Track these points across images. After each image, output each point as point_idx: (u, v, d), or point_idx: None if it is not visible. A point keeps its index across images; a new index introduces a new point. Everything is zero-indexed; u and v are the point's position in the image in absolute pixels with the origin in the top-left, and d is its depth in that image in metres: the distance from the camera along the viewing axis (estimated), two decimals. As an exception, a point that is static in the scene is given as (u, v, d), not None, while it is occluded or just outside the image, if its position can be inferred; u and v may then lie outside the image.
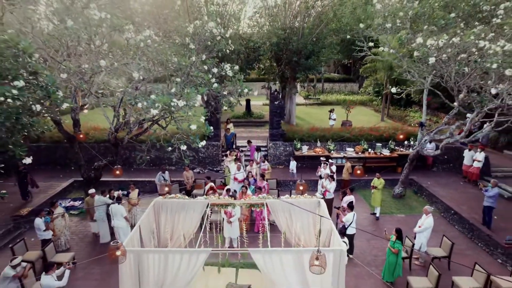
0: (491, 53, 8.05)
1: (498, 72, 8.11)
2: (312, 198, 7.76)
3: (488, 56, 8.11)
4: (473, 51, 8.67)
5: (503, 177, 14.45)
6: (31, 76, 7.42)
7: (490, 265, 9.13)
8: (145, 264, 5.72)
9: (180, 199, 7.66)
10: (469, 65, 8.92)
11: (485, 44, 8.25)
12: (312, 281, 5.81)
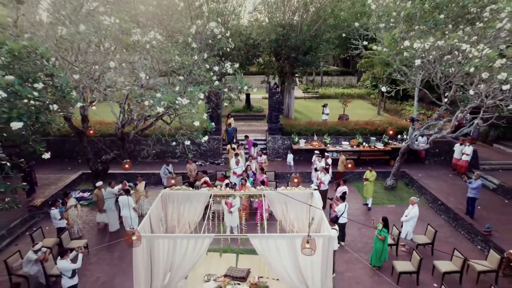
0: (471, 56, 8.69)
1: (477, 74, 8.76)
2: (306, 190, 8.47)
3: (469, 59, 8.76)
4: (455, 54, 9.31)
5: (490, 170, 15.19)
6: (47, 78, 8.09)
7: (470, 251, 9.93)
8: (156, 248, 6.46)
9: (185, 190, 8.40)
10: (452, 67, 9.56)
11: (466, 48, 8.88)
12: (304, 264, 6.55)
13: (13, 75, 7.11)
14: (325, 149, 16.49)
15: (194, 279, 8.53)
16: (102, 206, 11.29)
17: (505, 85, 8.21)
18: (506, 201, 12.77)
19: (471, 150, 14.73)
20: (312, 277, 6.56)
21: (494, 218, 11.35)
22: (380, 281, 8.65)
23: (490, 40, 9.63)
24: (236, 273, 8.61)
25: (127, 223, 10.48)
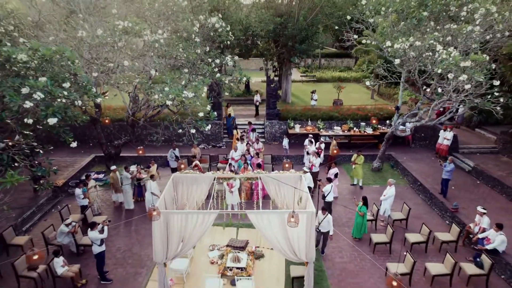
0: (440, 59, 9.87)
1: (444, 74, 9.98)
2: (296, 173, 9.86)
3: (439, 60, 9.94)
4: (429, 54, 10.47)
5: (469, 153, 16.57)
6: (72, 77, 9.33)
7: (439, 225, 11.45)
8: (171, 222, 7.89)
9: (193, 174, 9.79)
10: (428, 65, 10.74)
11: (440, 49, 10.04)
12: (291, 236, 7.99)
13: (45, 76, 8.34)
14: (319, 133, 17.83)
15: (201, 248, 10.10)
16: (117, 187, 12.75)
17: (466, 85, 9.46)
18: (478, 182, 14.23)
19: (451, 135, 16.06)
20: (298, 247, 8.03)
21: (465, 197, 12.84)
22: (359, 251, 10.19)
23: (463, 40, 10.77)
24: (236, 243, 10.16)
25: (148, 203, 11.86)
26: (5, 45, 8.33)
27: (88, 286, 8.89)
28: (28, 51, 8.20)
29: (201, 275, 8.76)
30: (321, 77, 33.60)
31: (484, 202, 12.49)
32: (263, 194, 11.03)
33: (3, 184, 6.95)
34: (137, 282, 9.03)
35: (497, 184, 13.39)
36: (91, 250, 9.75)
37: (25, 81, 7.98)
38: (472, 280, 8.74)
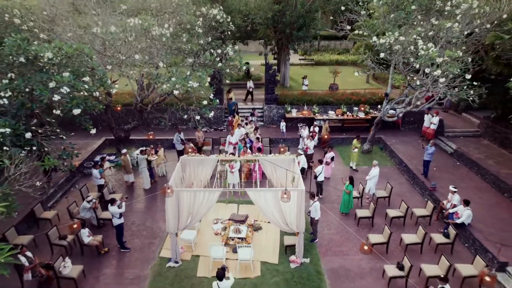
0: (419, 54, 10.93)
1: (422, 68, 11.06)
2: (290, 156, 11.12)
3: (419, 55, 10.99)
4: (411, 49, 11.51)
5: (453, 137, 17.81)
6: (90, 71, 10.43)
7: (418, 202, 12.80)
8: (182, 198, 9.21)
9: (198, 156, 11.07)
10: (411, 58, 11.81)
11: (420, 44, 11.07)
12: (284, 210, 9.32)
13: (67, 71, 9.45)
14: (314, 117, 18.99)
15: (206, 222, 11.50)
16: (128, 168, 14.05)
17: (441, 78, 10.57)
18: (458, 163, 15.54)
19: (437, 120, 17.24)
20: (290, 219, 9.38)
21: (444, 177, 14.16)
22: (345, 224, 11.57)
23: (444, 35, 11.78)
24: (237, 217, 11.56)
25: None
26: (32, 44, 9.34)
27: (109, 253, 10.31)
28: (53, 49, 9.27)
29: (207, 243, 10.18)
30: (319, 60, 34.37)
31: (461, 182, 13.84)
32: (260, 175, 12.34)
33: (42, 166, 8.22)
34: (152, 250, 10.45)
35: (474, 166, 14.69)
36: (109, 224, 11.23)
37: (52, 76, 9.14)
38: (439, 247, 10.15)
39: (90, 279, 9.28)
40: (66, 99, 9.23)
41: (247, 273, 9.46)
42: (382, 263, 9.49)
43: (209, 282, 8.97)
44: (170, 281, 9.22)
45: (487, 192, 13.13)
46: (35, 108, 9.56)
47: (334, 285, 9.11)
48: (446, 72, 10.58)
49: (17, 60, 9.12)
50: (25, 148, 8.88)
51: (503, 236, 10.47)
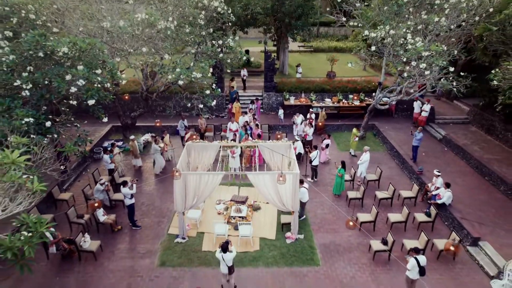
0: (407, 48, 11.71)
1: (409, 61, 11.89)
2: (286, 142, 12.05)
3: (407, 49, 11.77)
4: (400, 42, 12.28)
5: (443, 123, 18.70)
6: (101, 63, 11.23)
7: (406, 185, 13.78)
8: (188, 181, 10.17)
9: (202, 142, 11.99)
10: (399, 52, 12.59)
11: (409, 38, 11.83)
12: (280, 191, 10.28)
13: (81, 64, 10.26)
14: (311, 105, 19.82)
15: (210, 202, 12.52)
16: (136, 153, 15.00)
17: (426, 71, 11.39)
18: (445, 149, 16.49)
19: (429, 107, 18.10)
20: (286, 199, 10.37)
21: (432, 162, 15.13)
22: (337, 205, 12.60)
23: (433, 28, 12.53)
24: (238, 198, 12.59)
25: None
26: (48, 39, 10.12)
27: (122, 231, 11.36)
28: (68, 44, 10.06)
29: (211, 222, 11.22)
30: (318, 47, 34.87)
31: (447, 166, 14.83)
32: (260, 160, 13.30)
33: (64, 152, 9.16)
34: (161, 228, 11.50)
35: (460, 151, 15.65)
36: (121, 204, 12.26)
37: (68, 69, 9.98)
38: (421, 225, 11.19)
39: (106, 253, 10.36)
40: (81, 91, 10.10)
41: (247, 248, 10.53)
42: (368, 239, 10.55)
43: (213, 255, 10.04)
44: (178, 255, 10.30)
45: (470, 176, 14.13)
46: (53, 99, 10.43)
47: (325, 258, 10.18)
48: (432, 64, 11.39)
49: (35, 54, 9.94)
50: (47, 136, 9.80)
51: (480, 215, 11.52)
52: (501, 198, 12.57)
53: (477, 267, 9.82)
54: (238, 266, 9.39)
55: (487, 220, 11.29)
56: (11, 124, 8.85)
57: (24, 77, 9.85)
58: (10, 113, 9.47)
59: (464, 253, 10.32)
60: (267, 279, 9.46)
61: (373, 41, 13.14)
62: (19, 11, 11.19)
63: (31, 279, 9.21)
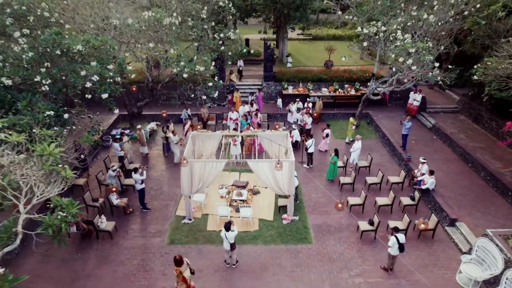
0: (395, 44, 12.56)
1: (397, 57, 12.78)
2: (283, 132, 13.03)
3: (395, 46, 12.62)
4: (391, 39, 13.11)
5: (434, 112, 19.65)
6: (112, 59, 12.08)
7: (395, 171, 14.83)
8: (194, 168, 11.20)
9: (206, 132, 12.98)
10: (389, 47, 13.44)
11: (399, 34, 12.66)
12: (278, 176, 11.31)
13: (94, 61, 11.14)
14: (308, 94, 20.71)
15: (213, 187, 13.60)
16: (143, 141, 16.00)
17: (413, 66, 12.27)
18: (434, 137, 17.48)
19: (420, 97, 19.02)
20: (283, 184, 11.43)
21: (421, 149, 16.15)
22: (330, 189, 13.69)
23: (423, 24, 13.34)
24: (239, 183, 13.66)
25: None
26: (64, 38, 10.96)
27: (134, 213, 12.47)
28: (82, 42, 10.91)
29: (215, 204, 12.33)
30: (317, 35, 35.38)
31: (434, 153, 15.87)
32: (259, 148, 14.31)
33: (83, 142, 10.18)
34: (169, 210, 12.62)
35: (448, 140, 16.65)
36: (131, 189, 13.35)
37: (82, 65, 10.88)
38: (406, 208, 12.30)
39: (121, 232, 11.50)
40: (96, 85, 11.02)
41: (247, 228, 11.67)
42: (357, 220, 11.68)
43: (217, 235, 11.18)
44: (186, 234, 11.44)
45: (455, 163, 15.18)
46: (69, 93, 11.36)
47: (318, 237, 11.33)
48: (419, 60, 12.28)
49: (53, 52, 10.81)
50: (67, 127, 10.78)
51: (460, 199, 12.63)
52: (481, 183, 13.66)
53: (453, 244, 10.97)
54: (239, 244, 10.52)
55: (466, 203, 12.40)
56: (35, 118, 9.81)
57: (43, 73, 10.74)
58: (32, 106, 10.42)
59: (442, 232, 11.46)
60: (265, 255, 10.62)
61: (365, 36, 13.96)
62: (35, 10, 11.96)
63: (57, 255, 10.37)
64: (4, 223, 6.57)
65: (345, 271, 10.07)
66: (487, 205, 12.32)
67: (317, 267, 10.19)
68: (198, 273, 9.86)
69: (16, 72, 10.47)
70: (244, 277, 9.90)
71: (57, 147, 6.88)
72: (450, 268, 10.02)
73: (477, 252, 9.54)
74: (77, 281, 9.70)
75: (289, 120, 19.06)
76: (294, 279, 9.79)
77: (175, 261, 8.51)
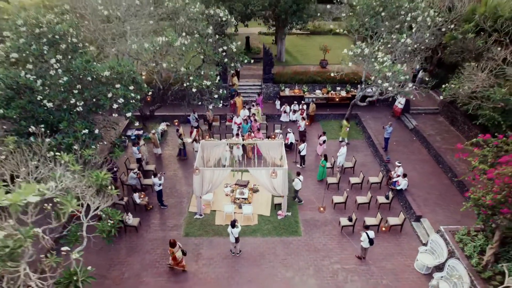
0: (375, 68, 14.58)
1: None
2: (279, 141, 15.26)
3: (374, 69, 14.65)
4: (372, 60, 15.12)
5: (417, 114, 21.75)
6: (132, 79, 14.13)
7: (376, 172, 17.13)
8: (205, 174, 13.51)
9: (213, 141, 15.21)
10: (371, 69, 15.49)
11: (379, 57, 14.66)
12: (273, 181, 13.67)
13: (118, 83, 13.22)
14: (303, 96, 22.76)
15: (220, 187, 15.95)
16: (157, 143, 18.25)
17: (390, 88, 14.37)
18: (414, 138, 19.70)
19: (404, 100, 21.08)
20: (277, 187, 13.77)
21: (400, 150, 18.40)
22: (319, 188, 16.05)
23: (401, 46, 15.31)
24: (241, 182, 16.05)
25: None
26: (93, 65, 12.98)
27: (153, 210, 14.88)
28: (109, 68, 12.96)
29: (221, 202, 14.72)
30: (315, 30, 36.86)
31: (412, 154, 18.13)
32: (259, 152, 16.57)
33: (114, 155, 12.46)
34: (183, 207, 15.03)
35: (425, 141, 18.87)
36: (149, 188, 15.70)
37: (110, 88, 12.99)
38: (381, 206, 14.69)
39: (144, 227, 13.94)
40: (121, 106, 13.17)
41: (248, 222, 14.09)
42: (339, 216, 14.09)
43: (223, 228, 13.61)
44: (198, 228, 13.89)
45: (428, 163, 17.47)
46: (99, 111, 13.52)
47: (306, 230, 13.77)
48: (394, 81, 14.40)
49: (85, 78, 12.88)
50: (99, 142, 13.01)
51: (427, 197, 15.01)
52: (447, 183, 16.00)
53: (416, 237, 13.44)
54: (241, 236, 12.93)
55: (431, 202, 14.78)
56: (75, 136, 12.03)
57: (77, 95, 12.85)
58: (69, 125, 12.59)
59: (410, 227, 13.90)
60: (263, 246, 13.09)
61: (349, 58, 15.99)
62: (66, 38, 13.90)
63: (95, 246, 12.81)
64: (71, 229, 8.95)
65: (327, 259, 12.57)
66: (449, 203, 14.69)
67: (305, 256, 12.68)
68: (209, 260, 12.40)
69: (56, 96, 12.57)
70: (246, 263, 12.40)
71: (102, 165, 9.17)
72: (411, 256, 12.51)
73: (431, 244, 12.00)
74: (114, 267, 12.22)
75: (282, 120, 21.28)
76: (285, 266, 12.30)
77: (170, 244, 11.35)
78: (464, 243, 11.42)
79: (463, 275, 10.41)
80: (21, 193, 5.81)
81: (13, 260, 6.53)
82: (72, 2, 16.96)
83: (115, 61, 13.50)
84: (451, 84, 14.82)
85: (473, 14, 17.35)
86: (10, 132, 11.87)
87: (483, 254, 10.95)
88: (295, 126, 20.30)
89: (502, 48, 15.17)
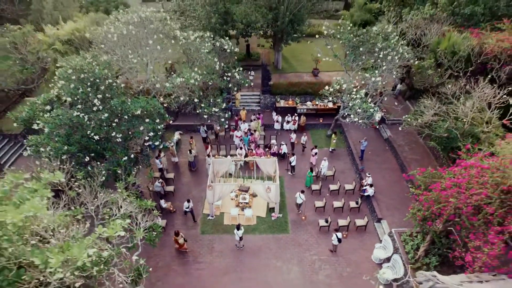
0: (349, 104, 18.34)
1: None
2: (273, 158, 19.26)
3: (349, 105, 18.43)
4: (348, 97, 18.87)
5: (392, 124, 25.51)
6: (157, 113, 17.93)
7: (351, 179, 21.19)
8: (216, 188, 17.60)
9: (221, 158, 19.21)
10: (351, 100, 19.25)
11: (353, 92, 18.37)
12: (268, 193, 17.78)
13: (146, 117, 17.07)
14: (296, 107, 26.49)
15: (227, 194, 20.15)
16: (174, 153, 22.27)
17: (360, 121, 18.24)
18: (387, 147, 23.62)
19: (379, 115, 24.80)
20: (271, 197, 17.88)
21: (374, 159, 22.38)
22: (306, 193, 20.17)
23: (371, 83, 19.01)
24: (243, 188, 20.20)
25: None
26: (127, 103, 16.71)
27: (176, 212, 19.08)
28: (140, 107, 16.74)
29: (227, 206, 18.96)
30: (311, 32, 39.73)
31: (383, 163, 22.12)
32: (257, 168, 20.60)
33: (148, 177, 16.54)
34: (198, 210, 19.23)
35: (395, 151, 22.82)
36: (170, 194, 19.85)
37: (142, 122, 16.84)
38: (352, 210, 18.89)
39: (169, 226, 18.22)
40: (151, 137, 17.09)
41: (249, 223, 18.36)
42: (319, 218, 18.31)
43: (231, 227, 17.88)
44: (211, 227, 18.18)
45: (395, 172, 21.49)
46: (133, 142, 17.45)
47: (293, 229, 18.06)
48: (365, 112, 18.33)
49: (121, 116, 16.69)
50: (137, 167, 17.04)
51: (389, 202, 19.18)
52: (408, 191, 20.08)
53: (376, 236, 17.73)
54: (244, 234, 17.18)
55: (391, 206, 18.96)
56: (119, 163, 16.00)
57: (116, 128, 16.69)
58: (113, 154, 16.52)
59: (373, 227, 18.16)
60: (260, 242, 17.41)
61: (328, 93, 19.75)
62: (104, 80, 17.55)
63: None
64: (130, 240, 13.17)
65: (308, 251, 16.91)
66: (406, 208, 18.81)
67: (291, 249, 17.02)
68: (220, 252, 16.77)
69: (100, 131, 16.42)
70: (248, 255, 16.75)
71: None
72: (370, 250, 16.84)
73: (383, 242, 16.29)
74: (150, 259, 16.56)
75: (275, 128, 25.15)
76: (277, 257, 16.66)
77: (174, 233, 15.98)
78: (406, 242, 15.68)
79: (401, 265, 14.75)
80: (113, 228, 9.93)
81: (106, 265, 10.74)
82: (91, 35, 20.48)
83: (144, 100, 17.26)
84: (407, 118, 18.64)
85: (437, 47, 20.93)
86: (72, 165, 15.78)
87: (418, 250, 15.24)
88: (287, 137, 24.12)
89: (455, 80, 18.91)
